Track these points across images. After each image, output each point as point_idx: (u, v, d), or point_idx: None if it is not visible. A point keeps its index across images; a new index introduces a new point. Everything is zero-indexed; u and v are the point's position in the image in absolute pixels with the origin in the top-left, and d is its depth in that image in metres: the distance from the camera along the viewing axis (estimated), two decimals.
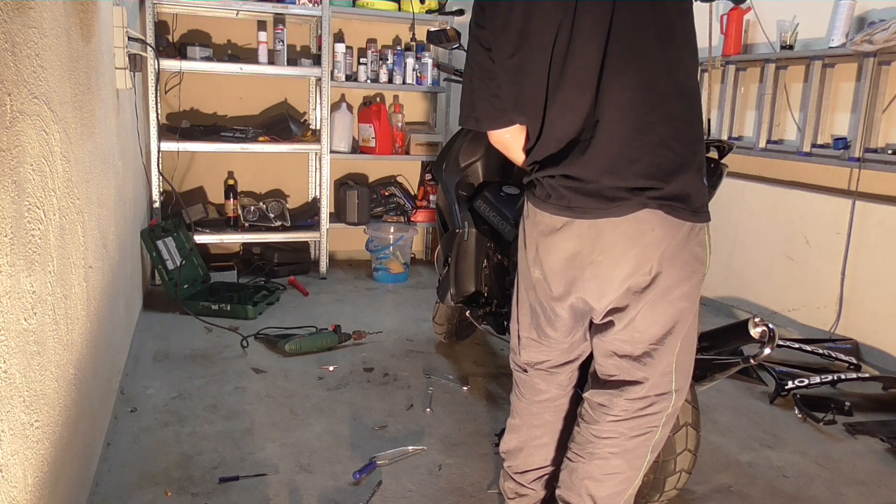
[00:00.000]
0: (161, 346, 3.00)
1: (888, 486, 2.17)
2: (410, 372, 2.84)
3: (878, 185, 3.09)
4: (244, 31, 4.16)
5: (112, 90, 2.52)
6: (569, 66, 1.40)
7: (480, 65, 1.54)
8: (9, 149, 1.19)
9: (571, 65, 1.39)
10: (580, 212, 1.43)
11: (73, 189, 1.72)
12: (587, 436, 1.60)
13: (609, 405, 1.56)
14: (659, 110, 1.37)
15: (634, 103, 1.36)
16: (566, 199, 1.44)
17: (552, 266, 1.53)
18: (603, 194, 1.40)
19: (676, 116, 1.39)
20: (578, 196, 1.42)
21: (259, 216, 4.07)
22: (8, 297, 1.17)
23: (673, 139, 1.38)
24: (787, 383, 2.67)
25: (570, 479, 1.63)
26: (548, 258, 1.52)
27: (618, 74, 1.36)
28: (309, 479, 2.05)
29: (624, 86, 1.36)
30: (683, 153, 1.39)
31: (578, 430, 1.64)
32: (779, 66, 3.52)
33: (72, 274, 1.68)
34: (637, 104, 1.36)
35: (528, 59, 1.45)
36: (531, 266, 1.59)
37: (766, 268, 3.58)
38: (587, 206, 1.41)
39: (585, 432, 1.61)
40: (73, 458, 1.66)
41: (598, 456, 1.58)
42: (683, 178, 1.39)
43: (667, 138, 1.37)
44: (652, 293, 1.45)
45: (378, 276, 4.18)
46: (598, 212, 1.40)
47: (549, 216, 1.48)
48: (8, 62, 1.19)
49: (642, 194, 1.38)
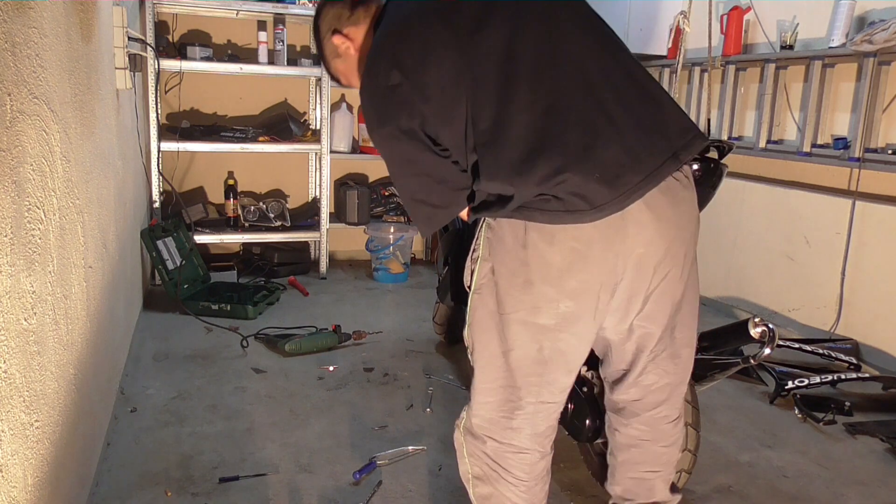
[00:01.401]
0: (161, 346, 3.00)
1: (888, 486, 2.17)
2: (410, 372, 2.84)
3: (878, 185, 3.09)
4: (244, 31, 4.16)
5: (112, 90, 2.52)
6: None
7: (427, 164, 1.32)
8: (9, 149, 1.19)
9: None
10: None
11: (73, 189, 1.72)
12: (634, 431, 1.56)
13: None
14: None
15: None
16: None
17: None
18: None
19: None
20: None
21: (259, 216, 4.07)
22: (8, 297, 1.17)
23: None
24: (787, 383, 2.67)
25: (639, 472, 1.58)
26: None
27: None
28: (309, 479, 2.05)
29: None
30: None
31: (619, 434, 1.58)
32: (779, 66, 3.52)
33: (72, 274, 1.68)
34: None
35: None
36: (555, 302, 1.30)
37: (766, 268, 3.58)
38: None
39: (628, 431, 1.57)
40: (73, 458, 1.66)
41: (661, 434, 1.55)
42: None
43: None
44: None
45: (378, 276, 4.18)
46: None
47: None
48: (8, 62, 1.19)
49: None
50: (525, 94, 1.25)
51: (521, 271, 1.28)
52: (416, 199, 1.36)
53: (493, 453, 1.44)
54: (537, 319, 1.31)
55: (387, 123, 1.30)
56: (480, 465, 1.47)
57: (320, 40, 1.56)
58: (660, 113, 1.30)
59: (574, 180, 1.21)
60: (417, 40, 1.31)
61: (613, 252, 1.27)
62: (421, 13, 1.33)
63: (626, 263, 1.29)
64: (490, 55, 1.28)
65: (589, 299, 1.30)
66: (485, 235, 1.34)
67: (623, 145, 1.23)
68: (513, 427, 1.41)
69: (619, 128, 1.24)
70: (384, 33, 1.37)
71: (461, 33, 1.29)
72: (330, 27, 1.51)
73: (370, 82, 1.34)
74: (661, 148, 1.26)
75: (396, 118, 1.29)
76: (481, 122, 1.26)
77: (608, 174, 1.21)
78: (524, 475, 1.44)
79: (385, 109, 1.31)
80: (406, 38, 1.32)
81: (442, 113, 1.28)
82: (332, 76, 1.63)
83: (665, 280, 1.34)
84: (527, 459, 1.43)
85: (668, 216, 1.30)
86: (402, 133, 1.29)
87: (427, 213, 1.36)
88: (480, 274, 1.35)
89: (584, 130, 1.23)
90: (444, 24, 1.30)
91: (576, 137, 1.23)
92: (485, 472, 1.46)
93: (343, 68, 1.57)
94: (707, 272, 3.80)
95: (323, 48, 1.56)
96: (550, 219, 1.23)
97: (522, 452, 1.43)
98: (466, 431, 1.47)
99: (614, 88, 1.28)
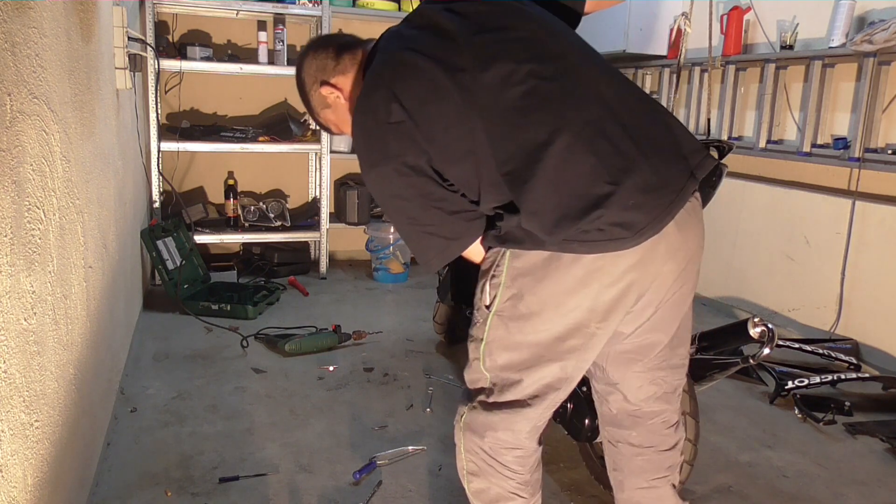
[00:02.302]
0: (161, 346, 3.00)
1: (888, 486, 2.17)
2: (410, 372, 2.84)
3: (878, 185, 3.09)
4: (244, 31, 4.16)
5: (112, 90, 2.52)
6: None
7: (438, 197, 1.30)
8: (9, 149, 1.19)
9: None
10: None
11: (73, 189, 1.72)
12: (636, 440, 1.55)
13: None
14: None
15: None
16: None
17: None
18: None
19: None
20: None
21: (259, 216, 4.07)
22: (8, 297, 1.17)
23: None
24: (787, 383, 2.67)
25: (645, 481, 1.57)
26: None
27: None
28: (309, 479, 2.05)
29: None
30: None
31: (620, 446, 1.57)
32: (779, 66, 3.52)
33: (72, 274, 1.68)
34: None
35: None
36: (586, 325, 1.32)
37: (766, 268, 3.58)
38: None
39: (629, 441, 1.55)
40: (73, 458, 1.66)
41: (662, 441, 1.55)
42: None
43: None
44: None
45: (378, 276, 4.18)
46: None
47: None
48: (8, 62, 1.20)
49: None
50: (548, 125, 1.24)
51: (553, 299, 1.28)
52: (427, 233, 1.33)
53: (490, 449, 1.44)
54: (566, 342, 1.32)
55: (391, 160, 1.27)
56: (476, 461, 1.47)
57: (306, 93, 1.51)
58: (671, 134, 1.31)
59: (612, 212, 1.21)
60: (417, 76, 1.27)
61: (647, 273, 1.29)
62: (418, 49, 1.30)
63: (654, 280, 1.31)
64: (500, 89, 1.25)
65: (617, 317, 1.32)
66: (509, 264, 1.31)
67: (651, 168, 1.24)
68: (514, 428, 1.42)
69: (644, 151, 1.25)
70: (380, 69, 1.33)
71: (464, 68, 1.26)
72: (316, 79, 1.48)
73: (367, 118, 1.30)
74: (681, 168, 1.28)
75: (402, 154, 1.26)
76: (503, 157, 1.24)
77: (642, 199, 1.22)
78: (520, 468, 1.46)
79: (387, 146, 1.27)
80: (405, 75, 1.29)
81: (447, 151, 1.27)
82: (321, 127, 1.60)
83: (678, 292, 1.37)
84: (522, 454, 1.45)
85: (691, 234, 1.33)
86: (409, 169, 1.27)
87: (440, 245, 1.34)
88: (502, 298, 1.34)
89: (616, 158, 1.23)
90: (442, 61, 1.28)
91: (610, 167, 1.22)
92: (480, 467, 1.47)
93: (334, 118, 1.53)
94: (707, 272, 3.80)
95: (310, 100, 1.52)
96: (591, 249, 1.23)
97: (518, 448, 1.44)
98: (466, 427, 1.47)
99: (630, 112, 1.29)
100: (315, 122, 1.59)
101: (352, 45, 1.48)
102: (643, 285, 1.30)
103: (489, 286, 1.36)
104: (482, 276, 1.38)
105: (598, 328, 1.31)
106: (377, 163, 1.30)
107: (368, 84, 1.33)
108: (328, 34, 1.54)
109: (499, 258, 1.33)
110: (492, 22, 1.33)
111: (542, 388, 1.38)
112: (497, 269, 1.34)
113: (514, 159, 1.24)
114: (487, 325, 1.37)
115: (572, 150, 1.22)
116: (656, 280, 1.31)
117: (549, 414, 1.44)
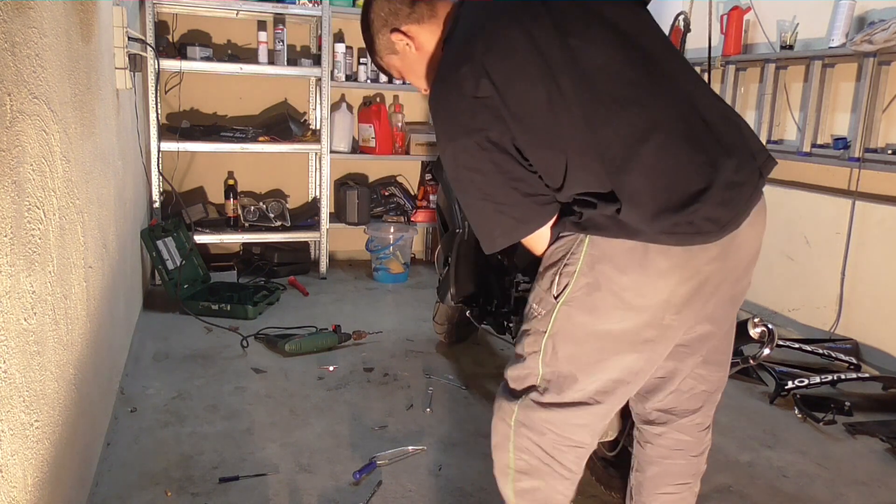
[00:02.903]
0: (161, 346, 3.00)
1: (888, 486, 2.17)
2: (410, 372, 2.84)
3: (878, 185, 3.09)
4: (244, 31, 4.16)
5: (112, 90, 2.52)
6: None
7: (517, 176, 1.26)
8: (9, 149, 1.19)
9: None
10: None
11: (73, 189, 1.72)
12: (668, 441, 1.54)
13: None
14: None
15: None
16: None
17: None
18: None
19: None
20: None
21: (259, 216, 4.07)
22: (8, 297, 1.17)
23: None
24: (787, 383, 2.67)
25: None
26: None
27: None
28: (309, 479, 2.05)
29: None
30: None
31: (650, 447, 1.56)
32: (779, 66, 3.52)
33: (72, 274, 1.68)
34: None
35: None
36: (661, 317, 1.29)
37: (766, 268, 3.58)
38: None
39: (660, 442, 1.55)
40: (73, 458, 1.66)
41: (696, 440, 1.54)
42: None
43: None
44: None
45: (378, 276, 4.18)
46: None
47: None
48: (8, 62, 1.19)
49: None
50: (646, 116, 1.22)
51: (633, 291, 1.25)
52: (499, 211, 1.28)
53: (551, 447, 1.39)
54: (641, 334, 1.29)
55: (474, 134, 1.23)
56: (529, 459, 1.41)
57: (372, 34, 1.44)
58: (742, 133, 1.32)
59: (706, 207, 1.21)
60: (512, 54, 1.23)
61: (723, 267, 1.28)
62: (509, 23, 1.27)
63: (727, 275, 1.31)
64: (597, 75, 1.24)
65: (692, 311, 1.30)
66: (588, 251, 1.27)
67: (733, 166, 1.24)
68: (579, 423, 1.37)
69: (726, 149, 1.25)
70: (467, 38, 1.28)
71: (561, 49, 1.24)
72: (386, 23, 1.41)
73: (451, 91, 1.25)
74: (753, 166, 1.29)
75: (487, 129, 1.22)
76: (603, 143, 1.22)
77: (727, 195, 1.23)
78: (577, 468, 1.41)
79: (471, 120, 1.23)
80: (498, 50, 1.24)
81: (534, 132, 1.24)
82: (380, 69, 1.53)
83: (739, 287, 1.38)
84: (583, 454, 1.41)
85: (758, 230, 1.34)
86: (491, 144, 1.23)
87: (509, 225, 1.29)
88: (575, 287, 1.29)
89: (705, 155, 1.23)
90: (538, 40, 1.25)
91: (702, 163, 1.23)
92: (533, 465, 1.41)
93: (400, 65, 1.47)
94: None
95: (374, 42, 1.45)
96: (680, 241, 1.22)
97: (582, 447, 1.40)
98: (519, 424, 1.40)
99: (709, 109, 1.29)
100: (374, 62, 1.52)
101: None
102: (718, 279, 1.29)
103: (561, 275, 1.30)
104: (550, 266, 1.33)
105: (672, 320, 1.28)
106: (457, 136, 1.25)
107: (457, 54, 1.28)
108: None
109: (574, 246, 1.29)
110: (586, 4, 1.31)
111: (610, 383, 1.33)
112: (572, 256, 1.29)
113: (613, 146, 1.21)
114: (553, 315, 1.32)
115: (669, 143, 1.22)
116: (729, 274, 1.31)
117: (615, 410, 1.40)
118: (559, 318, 1.32)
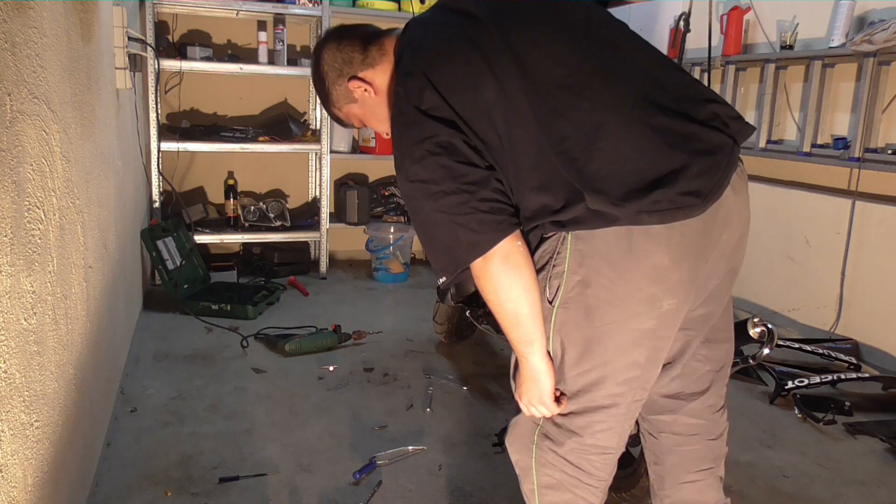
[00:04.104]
0: (161, 346, 3.00)
1: (888, 486, 2.17)
2: (410, 372, 2.84)
3: (878, 185, 3.09)
4: (244, 31, 4.16)
5: (112, 90, 2.52)
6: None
7: (472, 178, 1.21)
8: (9, 149, 1.19)
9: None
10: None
11: (73, 189, 1.72)
12: (680, 428, 1.52)
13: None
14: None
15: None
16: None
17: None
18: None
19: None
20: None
21: (259, 216, 4.07)
22: (8, 297, 1.17)
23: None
24: (787, 383, 2.67)
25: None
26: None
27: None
28: (309, 479, 2.05)
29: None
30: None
31: (662, 437, 1.53)
32: (779, 66, 3.52)
33: (72, 274, 1.68)
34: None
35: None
36: (658, 302, 1.26)
37: (766, 268, 3.58)
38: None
39: (672, 430, 1.52)
40: (73, 458, 1.66)
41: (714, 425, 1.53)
42: None
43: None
44: None
45: (378, 276, 4.18)
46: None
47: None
48: (8, 62, 1.20)
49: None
50: (601, 102, 1.21)
51: (625, 278, 1.22)
52: (455, 223, 1.21)
53: (575, 456, 1.35)
54: (640, 324, 1.25)
55: (424, 143, 1.21)
56: (553, 474, 1.37)
57: (327, 87, 1.43)
58: (711, 102, 1.28)
59: (681, 181, 1.17)
60: (453, 61, 1.24)
61: (716, 239, 1.26)
62: (452, 33, 1.28)
63: (717, 248, 1.28)
64: (543, 68, 1.23)
65: (687, 292, 1.27)
66: (572, 248, 1.23)
67: (705, 136, 1.23)
68: (601, 428, 1.33)
69: (696, 120, 1.23)
70: (413, 56, 1.29)
71: (502, 49, 1.24)
72: (341, 73, 1.40)
73: (400, 106, 1.25)
74: (727, 133, 1.26)
75: (436, 135, 1.21)
76: (557, 136, 1.20)
77: (704, 165, 1.20)
78: (605, 475, 1.37)
79: (420, 130, 1.22)
80: (439, 60, 1.25)
81: (485, 133, 1.22)
82: (337, 121, 1.52)
83: (733, 260, 1.35)
84: (610, 460, 1.37)
85: (743, 198, 1.31)
86: (441, 148, 1.20)
87: (468, 238, 1.21)
88: (567, 287, 1.25)
89: (673, 131, 1.21)
90: (479, 44, 1.24)
91: (672, 138, 1.20)
92: (560, 479, 1.37)
93: (360, 112, 1.46)
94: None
95: (330, 94, 1.44)
96: (662, 219, 1.18)
97: (607, 453, 1.36)
98: (543, 437, 1.37)
99: (674, 83, 1.27)
100: (332, 115, 1.51)
101: (377, 36, 1.42)
102: (711, 254, 1.27)
103: (551, 277, 1.28)
104: (539, 271, 1.29)
105: (671, 305, 1.25)
106: (408, 150, 1.23)
107: (402, 72, 1.29)
108: (345, 25, 1.47)
109: (559, 244, 1.25)
110: (532, 5, 1.30)
111: (621, 381, 1.29)
112: (559, 256, 1.25)
113: (569, 138, 1.19)
114: (552, 322, 1.29)
115: (631, 124, 1.20)
116: (724, 248, 1.29)
117: (636, 411, 1.36)
118: (558, 324, 1.29)
